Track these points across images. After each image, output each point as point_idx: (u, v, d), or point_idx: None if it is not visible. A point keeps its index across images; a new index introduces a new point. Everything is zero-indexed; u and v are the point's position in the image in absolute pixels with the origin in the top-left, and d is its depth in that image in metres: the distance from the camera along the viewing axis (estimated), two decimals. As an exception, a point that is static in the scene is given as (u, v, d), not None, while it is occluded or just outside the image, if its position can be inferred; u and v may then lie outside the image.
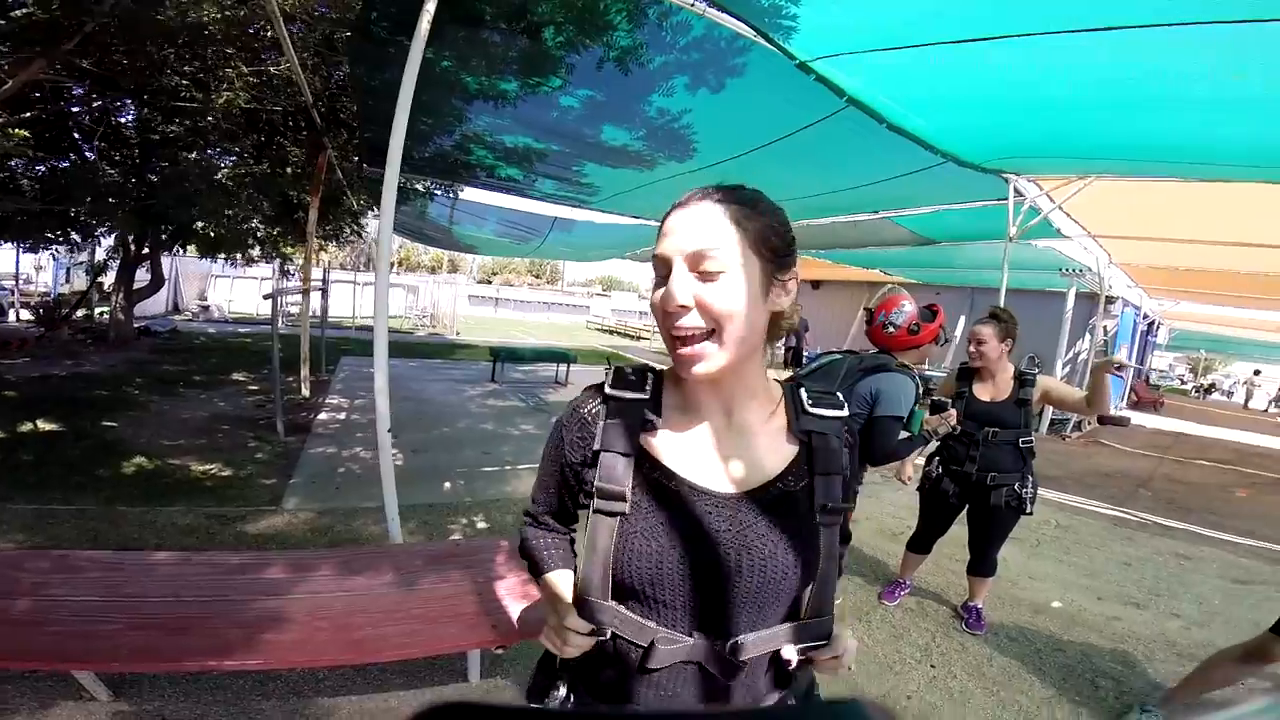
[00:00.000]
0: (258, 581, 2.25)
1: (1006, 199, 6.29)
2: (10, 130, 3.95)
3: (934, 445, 3.17)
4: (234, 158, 5.88)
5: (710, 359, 0.81)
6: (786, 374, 10.01)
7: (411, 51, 2.77)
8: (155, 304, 14.46)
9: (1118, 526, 5.52)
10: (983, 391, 3.16)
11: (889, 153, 4.87)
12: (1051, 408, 5.33)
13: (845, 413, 0.96)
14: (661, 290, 0.82)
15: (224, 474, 4.57)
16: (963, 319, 11.63)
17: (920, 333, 2.67)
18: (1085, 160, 5.11)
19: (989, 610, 3.42)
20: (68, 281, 16.77)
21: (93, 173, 5.46)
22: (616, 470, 0.87)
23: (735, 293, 0.80)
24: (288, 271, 12.25)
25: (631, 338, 24.95)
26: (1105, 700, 2.73)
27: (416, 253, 45.40)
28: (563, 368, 10.62)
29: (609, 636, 0.88)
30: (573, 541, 1.07)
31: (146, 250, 9.71)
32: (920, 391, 2.64)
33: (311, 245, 6.53)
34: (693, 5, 3.23)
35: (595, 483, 0.88)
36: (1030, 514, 3.12)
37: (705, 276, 0.80)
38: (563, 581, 1.01)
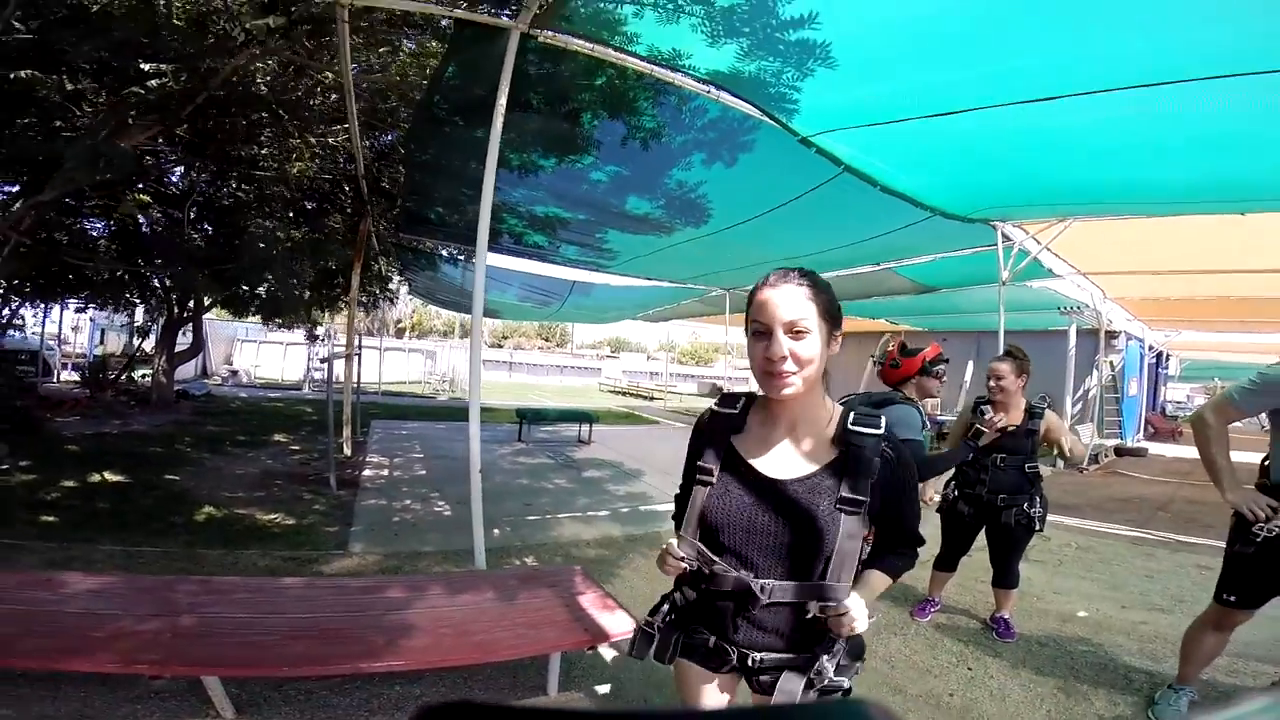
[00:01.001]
0: (380, 600, 2.62)
1: (996, 244, 6.79)
2: (135, 195, 4.52)
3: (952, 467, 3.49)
4: (294, 225, 6.43)
5: (795, 386, 1.22)
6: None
7: (491, 141, 3.26)
8: (185, 368, 15.06)
9: (1137, 545, 5.74)
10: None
11: (883, 210, 5.37)
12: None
13: (880, 431, 1.29)
14: (763, 343, 1.22)
15: (288, 522, 4.94)
16: (970, 363, 11.99)
17: (901, 366, 3.04)
18: (1060, 205, 5.60)
19: (1017, 622, 3.66)
20: (102, 343, 17.41)
21: (180, 237, 6.04)
22: (710, 457, 1.35)
23: (813, 347, 1.21)
24: (316, 336, 12.84)
25: (644, 398, 25.28)
26: (1140, 691, 2.95)
27: (428, 317, 46.48)
28: (585, 427, 10.98)
29: (692, 565, 1.32)
30: None
31: (189, 313, 10.29)
32: (926, 423, 2.98)
33: (354, 311, 7.07)
34: (708, 92, 3.81)
35: (698, 465, 1.36)
36: (1041, 530, 3.46)
37: (796, 336, 1.20)
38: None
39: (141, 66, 3.68)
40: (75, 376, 12.05)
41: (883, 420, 1.30)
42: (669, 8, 2.88)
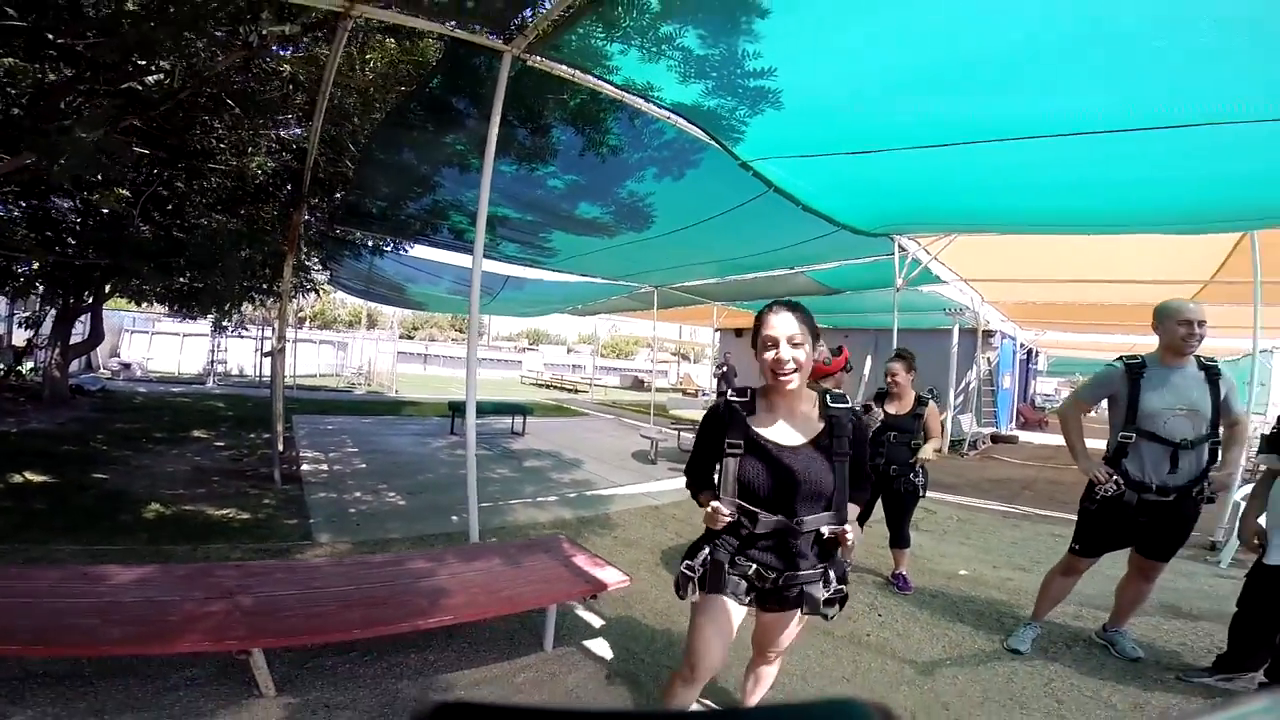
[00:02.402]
0: (407, 570, 2.91)
1: (893, 254, 7.72)
2: (115, 190, 4.36)
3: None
4: (235, 216, 6.29)
5: (795, 382, 1.82)
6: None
7: (486, 158, 3.56)
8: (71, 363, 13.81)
9: (1006, 518, 6.83)
10: (890, 407, 4.39)
11: (802, 224, 6.06)
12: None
13: (848, 405, 1.93)
14: (772, 352, 1.81)
15: (243, 517, 4.97)
16: (869, 357, 13.19)
17: (831, 365, 3.82)
18: (946, 223, 6.56)
19: (912, 579, 4.45)
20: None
21: (129, 228, 5.78)
22: (736, 435, 1.87)
23: (805, 353, 1.82)
24: (225, 327, 12.21)
25: (569, 391, 25.49)
26: (1009, 630, 3.71)
27: (332, 306, 44.18)
28: (519, 420, 11.18)
29: (735, 517, 1.83)
30: (711, 478, 2.00)
31: (88, 303, 9.60)
32: None
33: (286, 302, 6.98)
34: (669, 118, 4.27)
35: (727, 441, 1.87)
36: (924, 496, 4.34)
37: (795, 346, 1.81)
38: (709, 494, 1.93)
39: (139, 62, 3.66)
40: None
41: (848, 399, 1.96)
42: (653, 50, 3.30)
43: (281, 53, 4.50)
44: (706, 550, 1.91)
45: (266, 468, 6.41)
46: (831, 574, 1.87)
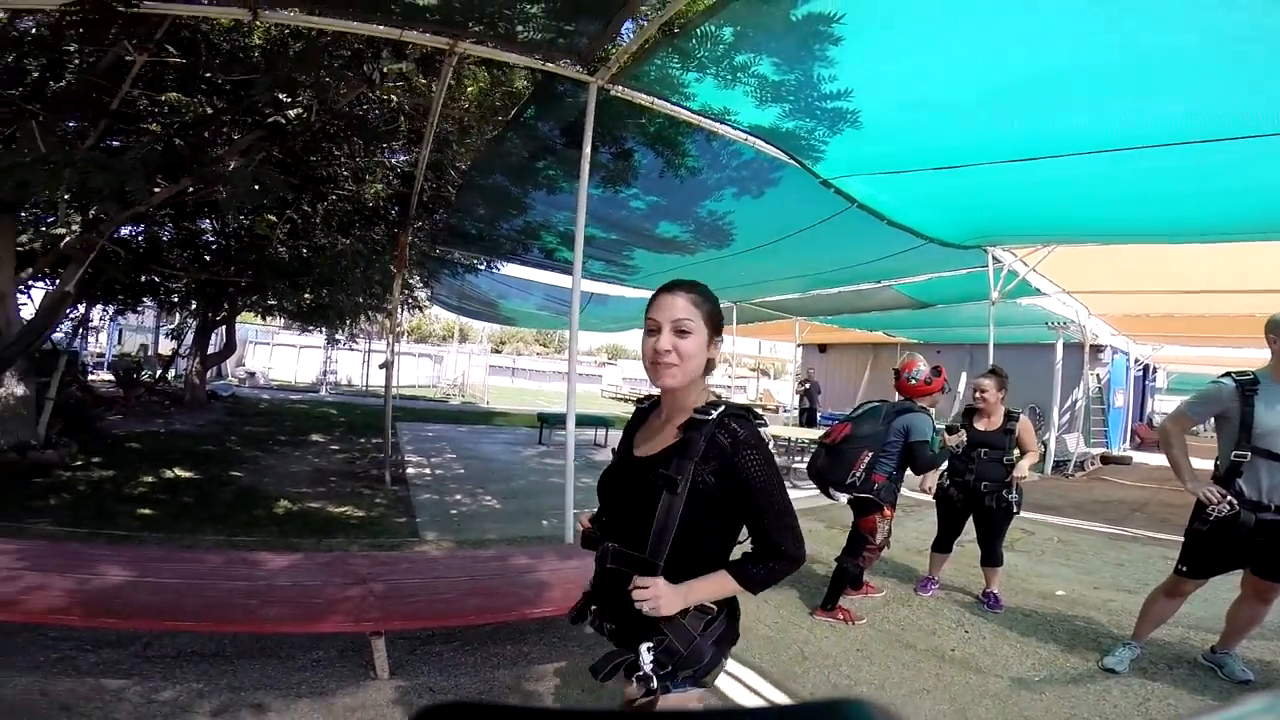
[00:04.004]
0: (511, 565, 3.20)
1: (986, 266, 7.45)
2: (265, 216, 5.07)
3: (945, 462, 4.22)
4: (355, 239, 6.96)
5: (675, 379, 1.37)
6: (805, 432, 10.95)
7: (580, 183, 3.83)
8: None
9: (1113, 540, 6.41)
10: (980, 424, 4.29)
11: (887, 237, 6.00)
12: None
13: (710, 417, 1.36)
14: (653, 338, 1.37)
15: (359, 514, 5.48)
16: (964, 375, 12.66)
17: (931, 384, 3.89)
18: (1043, 236, 6.31)
19: (1004, 598, 4.30)
20: (120, 342, 17.79)
21: (267, 249, 6.59)
22: (624, 440, 1.59)
23: (694, 345, 1.36)
24: (337, 341, 13.33)
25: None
26: (1107, 650, 3.53)
27: (427, 321, 46.79)
28: (601, 432, 11.54)
29: (592, 532, 1.54)
30: None
31: (224, 316, 10.77)
32: (935, 427, 3.85)
33: (396, 318, 7.61)
34: (746, 139, 4.42)
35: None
36: (1018, 514, 4.18)
37: (681, 335, 1.35)
38: None
39: (284, 98, 4.23)
40: (108, 376, 12.39)
41: (720, 409, 1.37)
42: (729, 78, 3.49)
43: (390, 84, 5.01)
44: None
45: (377, 470, 7.00)
46: (644, 651, 1.32)
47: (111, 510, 4.93)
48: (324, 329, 9.91)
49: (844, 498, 3.82)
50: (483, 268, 9.66)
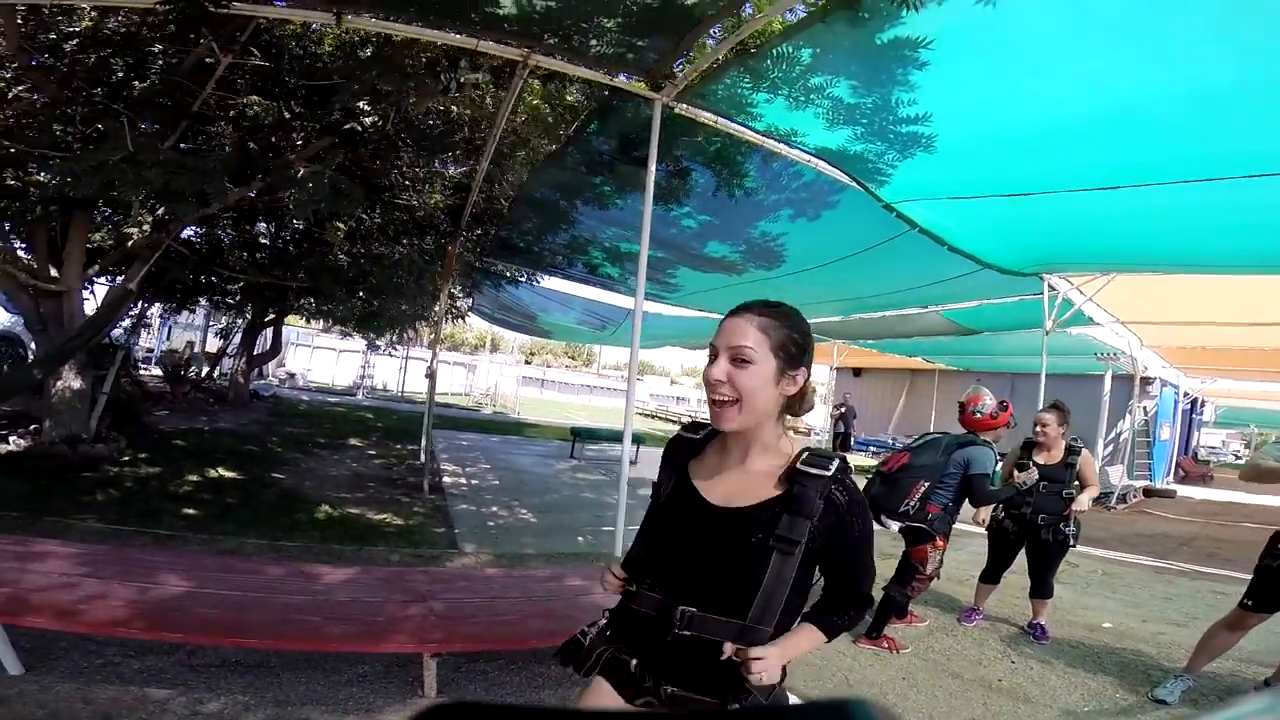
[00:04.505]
0: (566, 586, 3.15)
1: (1042, 294, 7.22)
2: (335, 224, 5.18)
3: (1007, 497, 4.09)
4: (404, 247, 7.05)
5: (734, 419, 1.20)
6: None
7: (645, 199, 3.79)
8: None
9: (1159, 574, 6.20)
10: (1040, 457, 4.20)
11: (942, 262, 5.87)
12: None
13: (828, 473, 1.21)
14: (707, 368, 1.23)
15: (398, 522, 5.47)
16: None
17: (997, 419, 3.85)
18: (1106, 262, 6.12)
19: (1051, 630, 4.19)
20: (169, 339, 18.26)
21: (332, 256, 6.72)
22: (665, 478, 1.37)
23: (756, 379, 1.18)
24: (377, 346, 13.52)
25: (676, 423, 25.70)
26: (1156, 683, 3.44)
27: (459, 330, 47.44)
28: (633, 448, 11.45)
29: (625, 584, 1.36)
30: None
31: (272, 318, 10.99)
32: (998, 462, 3.83)
33: (440, 327, 7.66)
34: (808, 161, 4.35)
35: (656, 485, 1.38)
36: (1074, 546, 4.10)
37: (740, 365, 1.18)
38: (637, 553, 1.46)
39: (363, 105, 4.29)
40: (157, 371, 12.70)
41: (835, 464, 1.24)
42: (800, 99, 3.43)
43: (464, 94, 5.06)
44: (604, 620, 1.41)
45: (414, 478, 7.03)
46: (736, 709, 1.21)
47: (158, 509, 4.98)
48: (372, 335, 10.01)
49: (895, 526, 3.80)
50: (523, 280, 9.72)
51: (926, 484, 3.68)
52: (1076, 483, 4.10)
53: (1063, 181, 3.78)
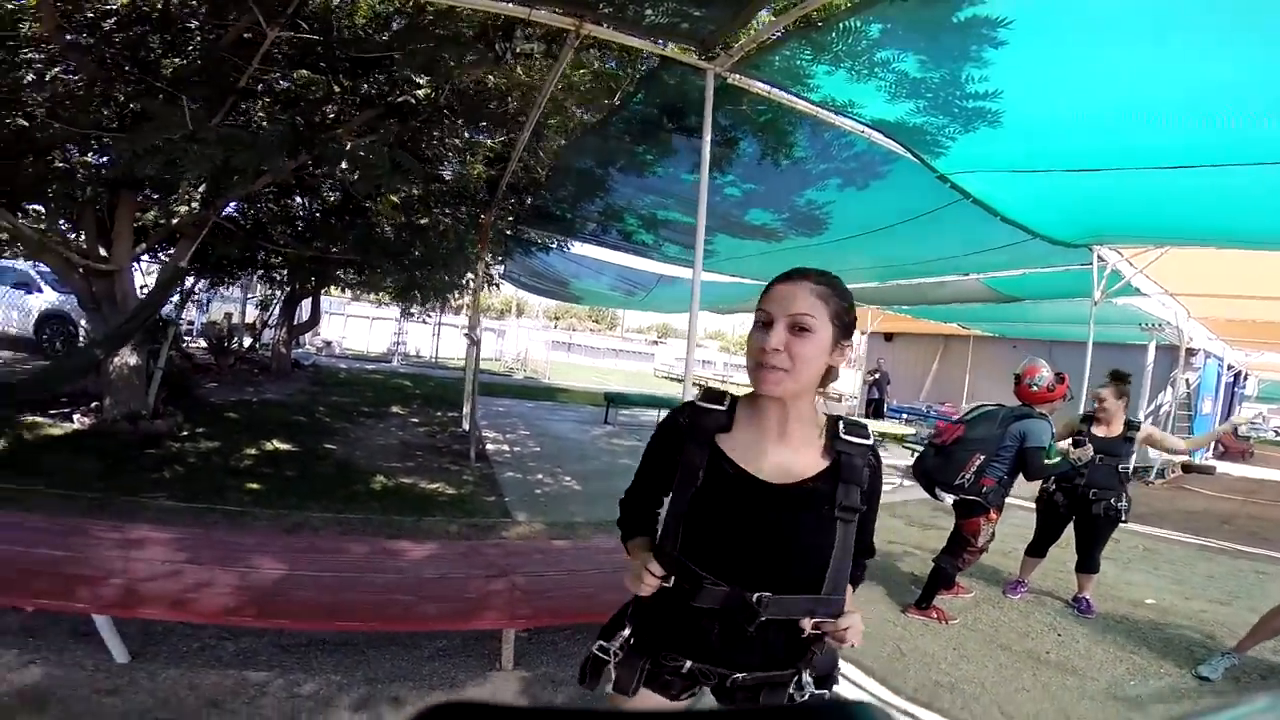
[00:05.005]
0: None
1: (1090, 264, 7.04)
2: (389, 198, 5.21)
3: (1062, 471, 4.08)
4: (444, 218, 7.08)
5: (783, 385, 1.15)
6: (873, 424, 10.76)
7: (702, 174, 3.70)
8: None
9: (1200, 551, 6.20)
10: (1099, 430, 4.19)
11: (990, 231, 5.74)
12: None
13: (870, 442, 1.25)
14: (763, 334, 1.16)
15: (450, 492, 5.64)
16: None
17: (1054, 391, 3.81)
18: (1161, 238, 5.96)
19: (1095, 604, 4.25)
20: (208, 311, 18.66)
21: (375, 228, 6.82)
22: (695, 458, 1.22)
23: (814, 348, 1.15)
24: (411, 313, 13.69)
25: (699, 388, 25.63)
26: (1199, 660, 3.51)
27: (488, 296, 47.67)
28: (664, 413, 11.57)
29: (671, 582, 1.19)
30: (655, 519, 1.42)
31: (310, 288, 11.17)
32: (1054, 431, 3.77)
33: (479, 295, 7.72)
34: (863, 131, 4.25)
35: (681, 465, 1.23)
36: (1125, 522, 4.12)
37: (799, 334, 1.14)
38: (644, 542, 1.38)
39: (412, 76, 4.27)
40: (200, 344, 13.02)
41: (870, 430, 1.30)
42: (864, 73, 3.34)
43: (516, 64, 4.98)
44: (628, 630, 1.30)
45: (459, 445, 7.20)
46: (806, 677, 1.21)
47: (223, 484, 5.13)
48: (416, 305, 10.06)
49: (949, 499, 3.82)
50: (554, 246, 9.70)
51: (982, 457, 3.66)
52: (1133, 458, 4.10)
53: (1133, 159, 3.67)
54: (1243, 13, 2.35)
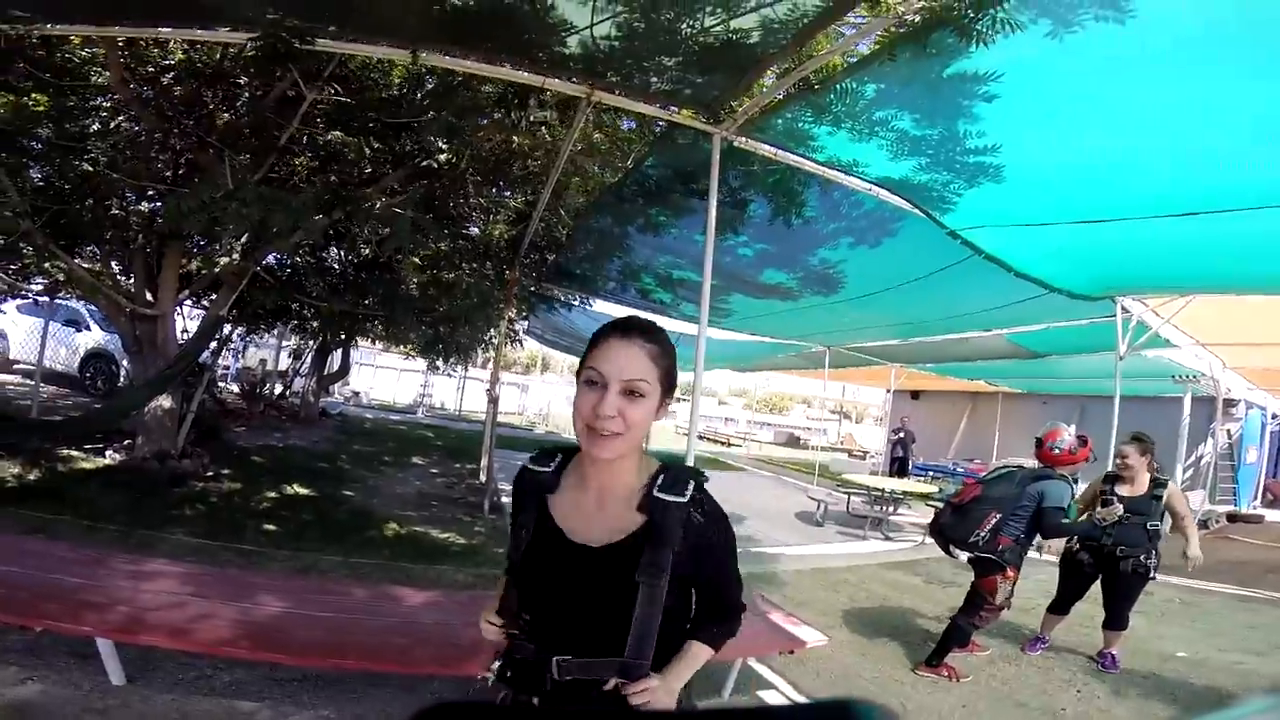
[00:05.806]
0: None
1: (1114, 315, 6.94)
2: (412, 258, 5.45)
3: (1084, 532, 4.00)
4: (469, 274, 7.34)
5: (617, 449, 1.14)
6: (898, 482, 10.53)
7: (707, 235, 3.86)
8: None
9: (1242, 602, 5.91)
10: (1123, 489, 4.12)
11: (1008, 287, 5.72)
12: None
13: (684, 499, 1.18)
14: (595, 396, 1.12)
15: (462, 541, 5.66)
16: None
17: (1076, 454, 3.81)
18: (1183, 286, 5.88)
19: (1121, 659, 4.08)
20: (243, 357, 19.20)
21: (401, 284, 7.09)
22: (524, 518, 1.26)
23: (645, 411, 1.14)
24: (437, 367, 13.93)
25: (723, 444, 25.45)
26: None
27: (513, 351, 48.39)
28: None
29: (502, 639, 1.26)
30: None
31: (341, 340, 11.49)
32: (1074, 493, 3.78)
33: (501, 351, 7.88)
34: (870, 189, 4.35)
35: (514, 524, 1.29)
36: (1154, 579, 4.01)
37: (632, 398, 1.12)
38: (503, 591, 1.36)
39: (437, 141, 4.56)
40: (234, 389, 13.38)
41: (690, 487, 1.21)
42: (864, 132, 3.46)
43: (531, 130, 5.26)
44: (499, 663, 1.31)
45: (474, 497, 7.23)
46: None
47: (241, 524, 5.24)
48: (442, 360, 10.25)
49: (964, 556, 3.79)
50: (575, 304, 9.89)
51: (998, 516, 3.67)
52: (1168, 518, 4.04)
53: (1138, 208, 3.69)
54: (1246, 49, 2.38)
